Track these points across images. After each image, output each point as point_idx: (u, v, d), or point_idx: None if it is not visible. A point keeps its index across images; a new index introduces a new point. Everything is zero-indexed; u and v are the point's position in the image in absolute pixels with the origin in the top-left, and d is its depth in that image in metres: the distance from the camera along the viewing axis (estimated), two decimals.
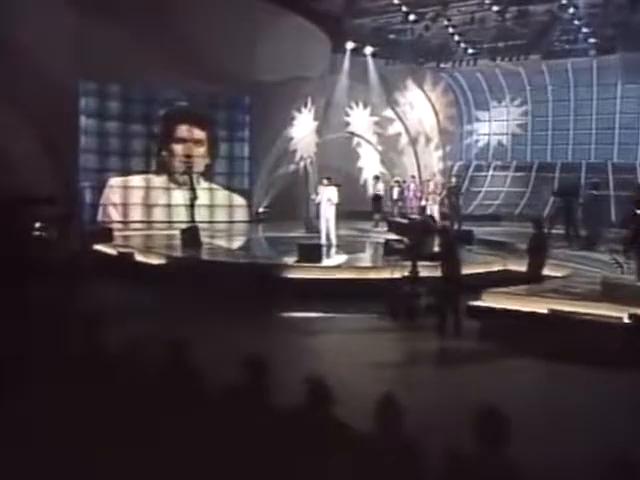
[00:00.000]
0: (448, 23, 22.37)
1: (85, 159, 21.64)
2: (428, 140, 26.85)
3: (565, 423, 6.70)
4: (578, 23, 21.42)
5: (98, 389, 4.66)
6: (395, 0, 21.64)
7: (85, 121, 21.59)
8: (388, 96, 25.65)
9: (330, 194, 17.65)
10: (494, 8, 20.80)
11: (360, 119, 25.49)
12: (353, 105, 25.27)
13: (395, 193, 23.23)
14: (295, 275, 13.37)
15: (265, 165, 23.62)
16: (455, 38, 23.61)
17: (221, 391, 4.62)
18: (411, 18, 22.03)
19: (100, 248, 16.62)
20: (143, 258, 15.72)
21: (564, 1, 20.32)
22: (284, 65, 21.21)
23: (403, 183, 23.61)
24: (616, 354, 8.53)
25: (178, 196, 22.39)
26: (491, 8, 20.89)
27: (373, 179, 24.36)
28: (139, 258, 15.73)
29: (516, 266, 13.29)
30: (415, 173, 24.85)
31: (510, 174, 27.68)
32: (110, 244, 17.08)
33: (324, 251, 15.74)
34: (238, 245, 19.56)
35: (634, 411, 7.01)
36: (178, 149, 22.86)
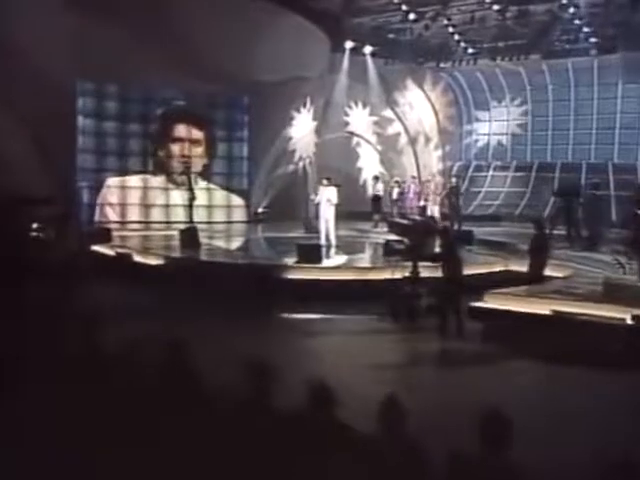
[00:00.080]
0: (448, 22, 22.28)
1: (82, 159, 21.53)
2: (428, 140, 26.79)
3: (568, 425, 6.65)
4: (579, 23, 21.36)
5: (96, 390, 4.62)
6: None
7: (82, 121, 21.47)
8: (387, 96, 25.57)
9: (329, 194, 17.60)
10: (494, 7, 20.72)
11: (359, 119, 25.44)
12: (352, 105, 25.21)
13: (395, 193, 23.17)
14: (294, 276, 13.30)
15: (264, 165, 23.55)
16: (455, 37, 23.52)
17: (220, 393, 4.57)
18: (411, 17, 21.93)
19: (98, 249, 16.55)
20: (141, 259, 15.67)
21: (564, 1, 20.24)
22: (283, 65, 21.13)
23: (403, 183, 23.56)
24: (619, 355, 8.49)
25: (176, 196, 22.31)
26: (491, 7, 20.80)
27: (373, 179, 24.29)
28: (137, 259, 15.68)
29: (517, 267, 13.26)
30: (415, 173, 24.79)
31: (510, 174, 27.59)
32: (108, 245, 17.03)
33: (324, 252, 15.67)
34: (237, 246, 19.51)
35: (637, 413, 6.95)
36: (176, 149, 22.78)
